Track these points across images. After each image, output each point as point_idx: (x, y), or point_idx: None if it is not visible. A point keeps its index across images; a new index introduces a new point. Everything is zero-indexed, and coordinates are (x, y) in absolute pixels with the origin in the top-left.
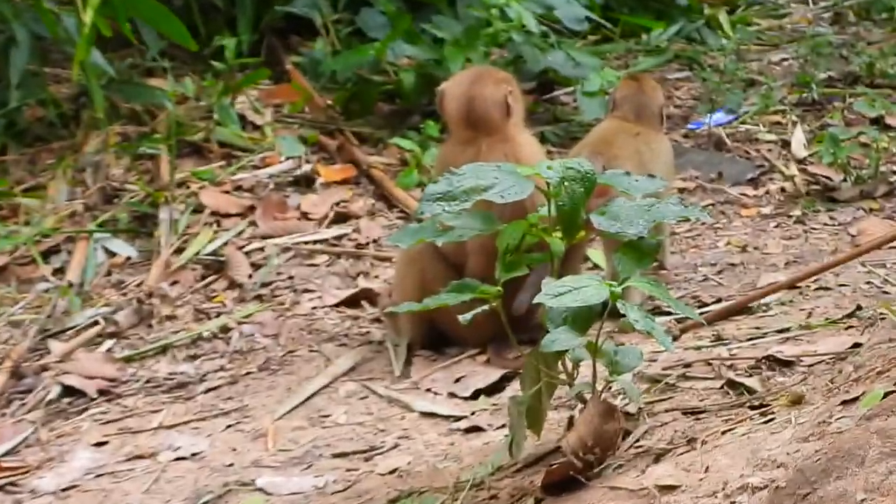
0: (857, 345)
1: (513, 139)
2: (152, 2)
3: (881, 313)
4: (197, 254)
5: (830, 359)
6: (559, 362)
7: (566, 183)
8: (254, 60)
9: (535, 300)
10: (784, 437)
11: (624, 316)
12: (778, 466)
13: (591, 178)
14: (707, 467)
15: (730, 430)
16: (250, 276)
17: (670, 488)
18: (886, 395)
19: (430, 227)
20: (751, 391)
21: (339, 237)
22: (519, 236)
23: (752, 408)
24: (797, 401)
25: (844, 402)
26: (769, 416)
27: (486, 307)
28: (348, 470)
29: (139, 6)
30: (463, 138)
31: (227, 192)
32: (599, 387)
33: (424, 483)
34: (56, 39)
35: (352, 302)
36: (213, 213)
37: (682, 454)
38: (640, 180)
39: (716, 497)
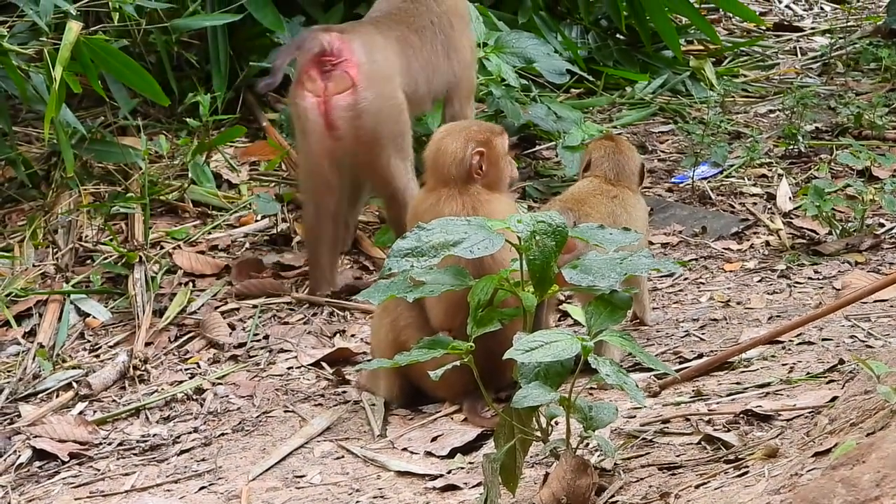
0: (835, 398)
1: (476, 195)
2: (122, 56)
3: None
4: (182, 313)
5: (809, 413)
6: (533, 418)
7: (537, 237)
8: (229, 117)
9: (506, 356)
10: (757, 490)
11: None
12: None
13: (562, 231)
14: None
15: (704, 483)
16: (227, 336)
17: None
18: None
19: (400, 282)
20: (728, 446)
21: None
22: (490, 291)
23: (728, 462)
24: (772, 454)
25: (817, 454)
26: (743, 470)
27: (456, 363)
28: None
29: (109, 62)
30: (430, 187)
31: (201, 252)
32: (574, 443)
33: None
34: (25, 98)
35: (330, 361)
36: (187, 274)
37: None
38: (613, 233)
39: None
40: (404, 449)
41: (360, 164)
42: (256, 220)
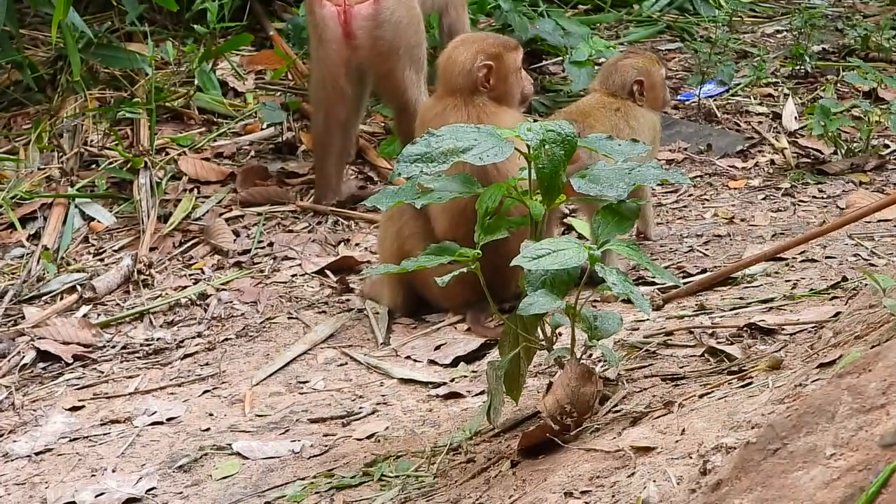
0: (839, 314)
1: (482, 106)
2: None
3: (864, 282)
4: (186, 218)
5: (813, 327)
6: (538, 327)
7: (546, 145)
8: (236, 25)
9: (514, 263)
10: (761, 400)
11: (604, 281)
12: (753, 427)
13: (571, 140)
14: (683, 429)
15: (707, 394)
16: (231, 243)
17: (646, 450)
18: None
19: (409, 189)
20: (731, 358)
21: None
22: (498, 199)
23: (731, 373)
24: (776, 366)
25: (821, 366)
26: (747, 381)
27: (463, 270)
28: (325, 435)
29: None
30: (438, 95)
31: (207, 159)
32: (579, 352)
33: (401, 448)
34: (33, 1)
35: (334, 269)
36: (192, 181)
37: (658, 417)
38: (621, 144)
39: (690, 457)
40: (407, 357)
41: (376, 74)
42: (262, 129)
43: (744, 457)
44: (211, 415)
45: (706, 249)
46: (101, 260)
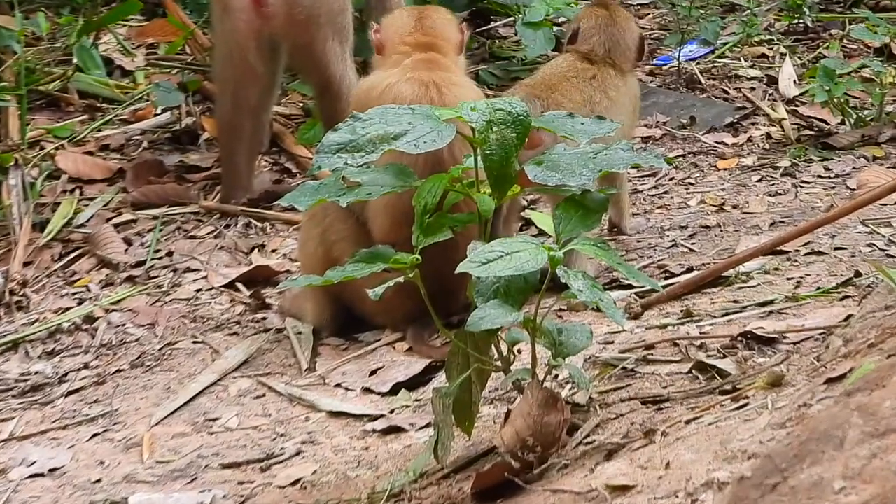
0: (851, 317)
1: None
2: None
3: (880, 279)
4: (67, 225)
5: (820, 334)
6: (492, 345)
7: (494, 127)
8: None
9: (460, 269)
10: (758, 425)
11: (569, 287)
12: (749, 457)
13: (524, 121)
14: (667, 463)
15: (695, 419)
16: (122, 254)
17: (624, 489)
18: None
19: (333, 184)
20: (723, 374)
21: None
22: (439, 193)
23: (724, 393)
24: (776, 382)
25: (829, 381)
26: (742, 402)
27: (399, 279)
28: (241, 483)
29: None
30: (398, 60)
31: (90, 153)
32: (541, 373)
33: (333, 495)
34: None
35: (247, 282)
36: (73, 179)
37: (638, 449)
38: (585, 123)
39: (676, 497)
40: (337, 385)
41: (292, 46)
42: (156, 114)
43: (738, 494)
44: (102, 463)
45: (692, 244)
46: None
